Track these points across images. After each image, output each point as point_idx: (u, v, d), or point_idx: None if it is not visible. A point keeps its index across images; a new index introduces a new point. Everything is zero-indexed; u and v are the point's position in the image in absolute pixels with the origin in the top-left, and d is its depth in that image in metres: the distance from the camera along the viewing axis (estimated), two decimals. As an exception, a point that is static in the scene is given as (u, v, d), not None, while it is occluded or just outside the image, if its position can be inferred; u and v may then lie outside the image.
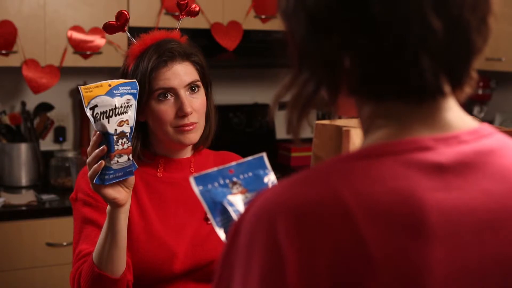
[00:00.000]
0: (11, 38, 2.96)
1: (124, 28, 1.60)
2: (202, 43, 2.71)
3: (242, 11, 3.38)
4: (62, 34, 3.05)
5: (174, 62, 1.59)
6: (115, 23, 1.59)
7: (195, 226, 1.63)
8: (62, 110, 3.41)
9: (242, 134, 3.71)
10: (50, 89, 3.08)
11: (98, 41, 3.09)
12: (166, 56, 1.58)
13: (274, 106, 0.80)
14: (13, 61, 3.00)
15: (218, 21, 3.32)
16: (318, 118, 3.70)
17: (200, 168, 1.68)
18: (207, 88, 1.68)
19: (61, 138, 3.39)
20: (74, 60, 3.09)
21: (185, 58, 1.61)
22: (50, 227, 2.86)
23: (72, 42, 3.06)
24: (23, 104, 3.25)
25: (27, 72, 3.01)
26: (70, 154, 3.31)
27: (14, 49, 2.98)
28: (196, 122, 1.60)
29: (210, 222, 1.63)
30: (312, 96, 0.76)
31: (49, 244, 2.85)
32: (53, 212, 2.90)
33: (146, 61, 1.57)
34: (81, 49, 3.07)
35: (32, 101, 3.27)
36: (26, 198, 2.95)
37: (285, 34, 0.78)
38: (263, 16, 3.41)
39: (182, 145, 1.63)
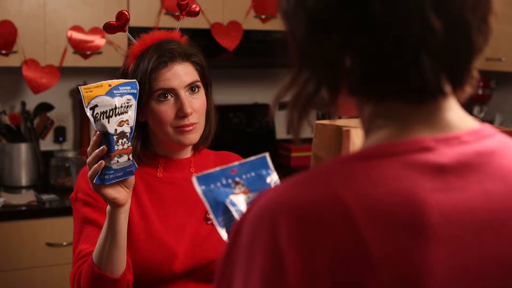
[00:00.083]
0: (11, 38, 2.96)
1: (124, 28, 1.60)
2: (202, 43, 2.71)
3: (242, 11, 3.38)
4: (62, 34, 3.05)
5: (174, 63, 1.59)
6: (116, 23, 1.59)
7: (195, 226, 1.63)
8: (62, 110, 3.41)
9: (242, 134, 3.71)
10: (50, 89, 3.08)
11: (98, 41, 3.09)
12: (166, 56, 1.58)
13: (275, 106, 0.80)
14: (13, 61, 3.00)
15: (218, 21, 3.32)
16: (318, 118, 3.69)
17: (200, 168, 1.68)
18: (207, 88, 1.68)
19: (61, 138, 3.39)
20: (74, 60, 3.09)
21: (185, 58, 1.61)
22: (50, 227, 2.86)
23: (72, 42, 3.06)
24: (23, 104, 3.25)
25: (27, 72, 3.01)
26: (70, 154, 3.30)
27: (14, 49, 2.98)
28: (196, 123, 1.60)
29: (210, 222, 1.64)
30: (312, 96, 0.76)
31: (49, 244, 2.85)
32: (53, 212, 2.90)
33: (146, 61, 1.57)
34: (81, 49, 3.07)
35: (32, 101, 3.27)
36: (26, 198, 2.95)
37: (285, 34, 0.78)
38: (263, 16, 3.41)
39: (182, 145, 1.63)
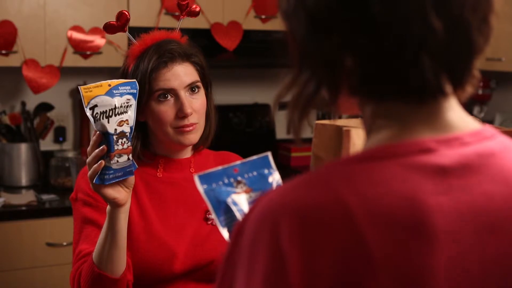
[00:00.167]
0: (11, 38, 2.96)
1: (124, 28, 1.60)
2: (202, 43, 2.71)
3: (242, 11, 3.38)
4: (62, 34, 3.05)
5: (174, 63, 1.59)
6: (116, 23, 1.59)
7: (195, 226, 1.63)
8: (62, 110, 3.41)
9: (242, 134, 3.71)
10: (50, 89, 3.08)
11: (98, 41, 3.09)
12: (166, 57, 1.58)
13: (275, 106, 0.80)
14: (13, 61, 3.00)
15: (218, 21, 3.32)
16: (318, 118, 3.69)
17: (200, 168, 1.68)
18: (207, 88, 1.68)
19: (61, 138, 3.39)
20: (74, 60, 3.09)
21: (185, 58, 1.61)
22: (50, 227, 2.86)
23: (72, 42, 3.06)
24: (23, 104, 3.25)
25: (27, 72, 3.01)
26: (70, 154, 3.30)
27: (14, 49, 2.98)
28: (196, 123, 1.60)
29: (210, 222, 1.64)
30: (312, 96, 0.76)
31: (49, 244, 2.85)
32: (53, 212, 2.90)
33: (146, 61, 1.57)
34: (81, 49, 3.07)
35: (32, 101, 3.27)
36: (26, 198, 2.95)
37: (285, 34, 0.78)
38: (263, 16, 3.41)
39: (182, 145, 1.63)
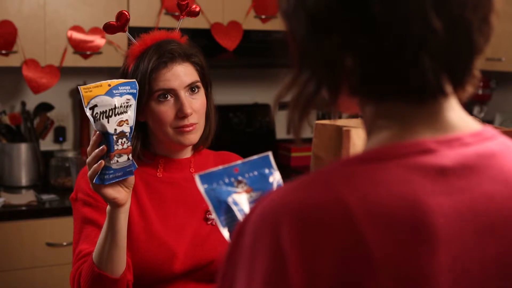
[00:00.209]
0: (11, 38, 2.96)
1: (124, 28, 1.60)
2: (202, 43, 2.71)
3: (242, 11, 3.38)
4: (62, 34, 3.05)
5: (174, 63, 1.59)
6: (116, 23, 1.59)
7: (195, 226, 1.63)
8: (62, 110, 3.41)
9: (242, 134, 3.71)
10: (50, 89, 3.08)
11: (98, 41, 3.09)
12: (166, 57, 1.58)
13: (275, 106, 0.80)
14: (13, 61, 3.00)
15: (218, 21, 3.32)
16: (318, 118, 3.69)
17: (200, 168, 1.68)
18: (207, 88, 1.68)
19: (61, 138, 3.39)
20: (74, 60, 3.09)
21: (185, 59, 1.61)
22: (50, 227, 2.86)
23: (72, 42, 3.06)
24: (23, 104, 3.25)
25: (27, 72, 3.01)
26: (70, 154, 3.30)
27: (14, 49, 2.98)
28: (196, 123, 1.60)
29: (210, 222, 1.64)
30: (313, 96, 0.76)
31: (49, 244, 2.85)
32: (53, 212, 2.90)
33: (146, 61, 1.57)
34: (81, 49, 3.07)
35: (32, 101, 3.27)
36: (26, 198, 2.95)
37: (285, 34, 0.78)
38: (263, 16, 3.41)
39: (182, 145, 1.63)
